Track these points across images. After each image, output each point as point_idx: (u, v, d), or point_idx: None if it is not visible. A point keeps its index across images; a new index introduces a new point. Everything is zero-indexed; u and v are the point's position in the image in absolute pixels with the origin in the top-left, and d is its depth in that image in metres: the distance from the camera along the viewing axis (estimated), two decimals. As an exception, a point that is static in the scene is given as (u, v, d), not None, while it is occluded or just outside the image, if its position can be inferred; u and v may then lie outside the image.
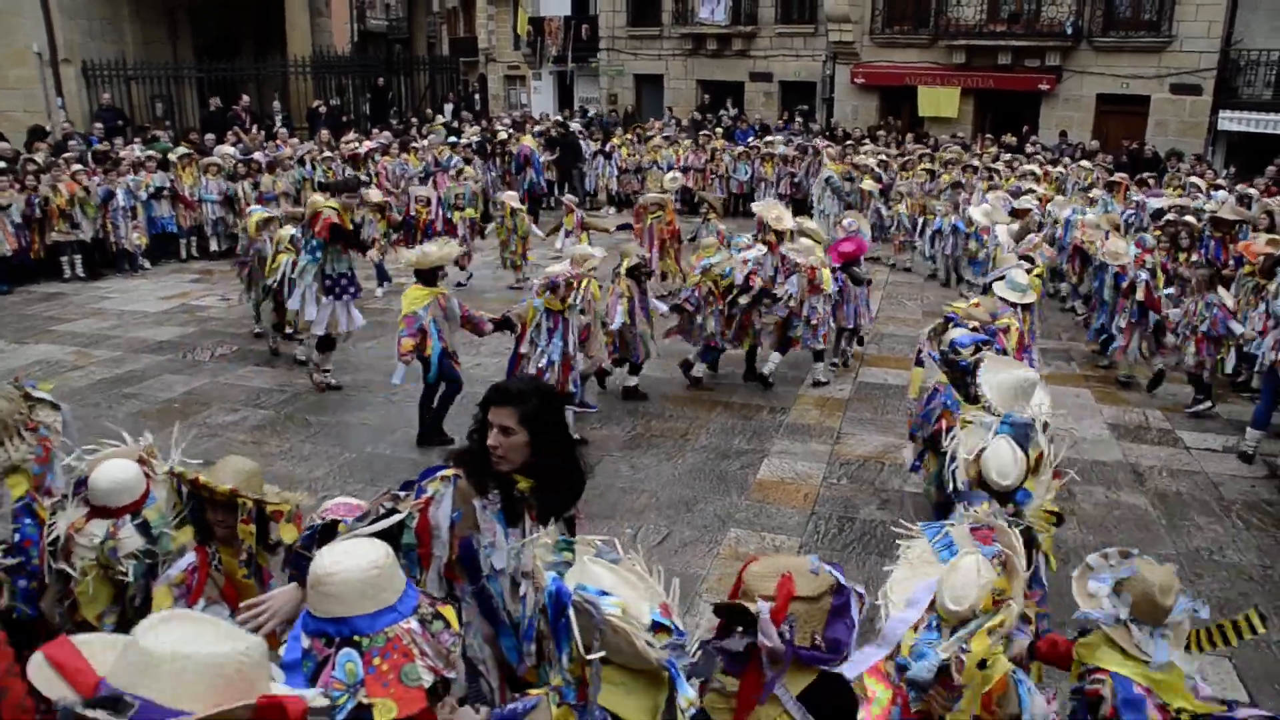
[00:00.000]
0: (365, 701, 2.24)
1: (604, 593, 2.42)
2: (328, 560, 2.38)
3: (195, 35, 23.51)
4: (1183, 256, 11.23)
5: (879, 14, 24.21)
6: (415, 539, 3.19)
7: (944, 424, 5.60)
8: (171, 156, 15.23)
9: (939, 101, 23.68)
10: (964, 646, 2.94)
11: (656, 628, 2.41)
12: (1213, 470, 8.07)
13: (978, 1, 22.76)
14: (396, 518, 3.16)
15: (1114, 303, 10.00)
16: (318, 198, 9.69)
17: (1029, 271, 8.12)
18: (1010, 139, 20.73)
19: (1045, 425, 4.80)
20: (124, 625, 3.64)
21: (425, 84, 28.15)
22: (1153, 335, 9.60)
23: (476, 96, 30.75)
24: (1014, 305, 7.35)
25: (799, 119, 23.91)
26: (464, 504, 3.24)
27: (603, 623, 2.34)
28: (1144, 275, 9.69)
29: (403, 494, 3.26)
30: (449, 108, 26.30)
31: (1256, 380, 8.98)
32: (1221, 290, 9.03)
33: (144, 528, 3.53)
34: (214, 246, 15.48)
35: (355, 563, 2.36)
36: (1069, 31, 21.65)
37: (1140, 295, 9.58)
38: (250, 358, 10.52)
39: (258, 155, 16.01)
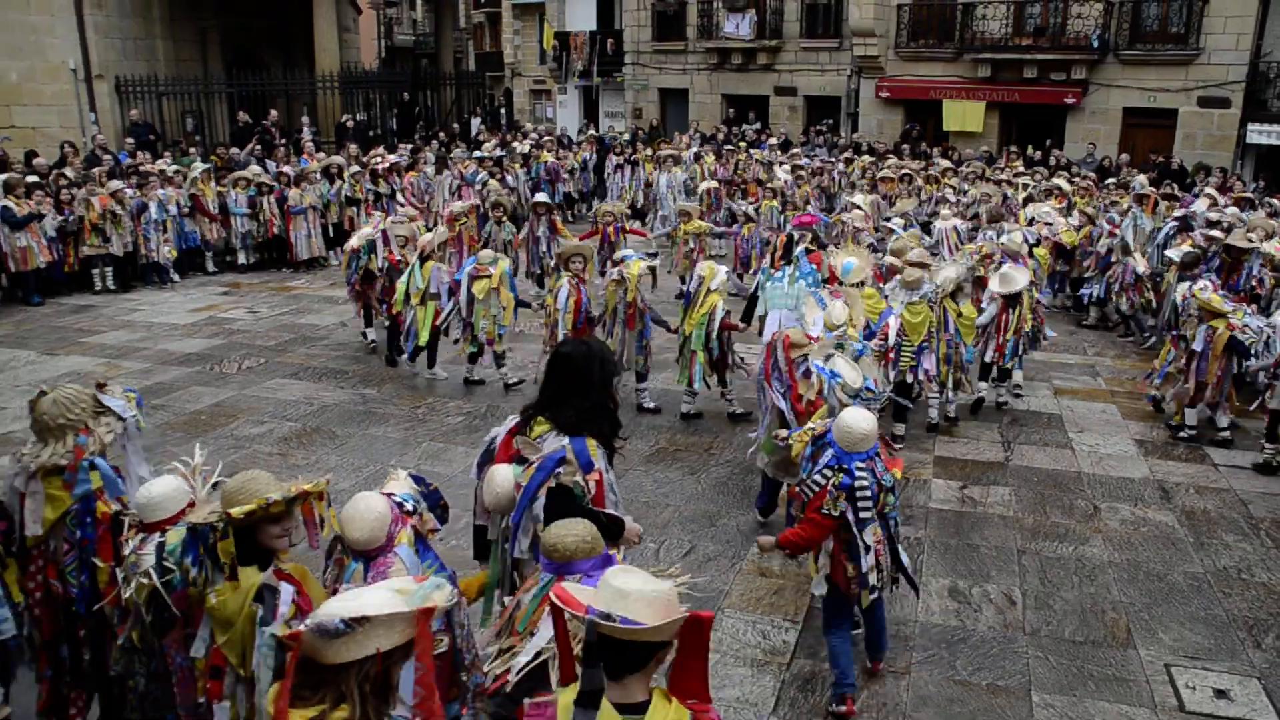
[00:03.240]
0: None
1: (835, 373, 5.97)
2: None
3: (223, 47, 23.86)
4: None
5: (904, 28, 24.19)
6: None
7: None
8: (193, 173, 15.35)
9: (964, 115, 23.62)
10: None
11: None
12: (1241, 487, 7.99)
13: (1003, 15, 22.71)
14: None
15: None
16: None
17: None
18: (1034, 153, 20.64)
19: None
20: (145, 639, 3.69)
21: (452, 99, 28.36)
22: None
23: (502, 111, 30.95)
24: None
25: (824, 133, 23.91)
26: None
27: None
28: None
29: (565, 469, 3.93)
30: (475, 122, 26.50)
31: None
32: (1136, 256, 11.95)
33: (160, 548, 3.50)
34: (242, 260, 15.63)
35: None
36: (1095, 45, 21.54)
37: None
38: (277, 370, 10.62)
39: (286, 169, 16.18)
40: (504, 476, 3.98)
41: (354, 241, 10.81)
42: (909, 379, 8.57)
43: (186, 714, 3.60)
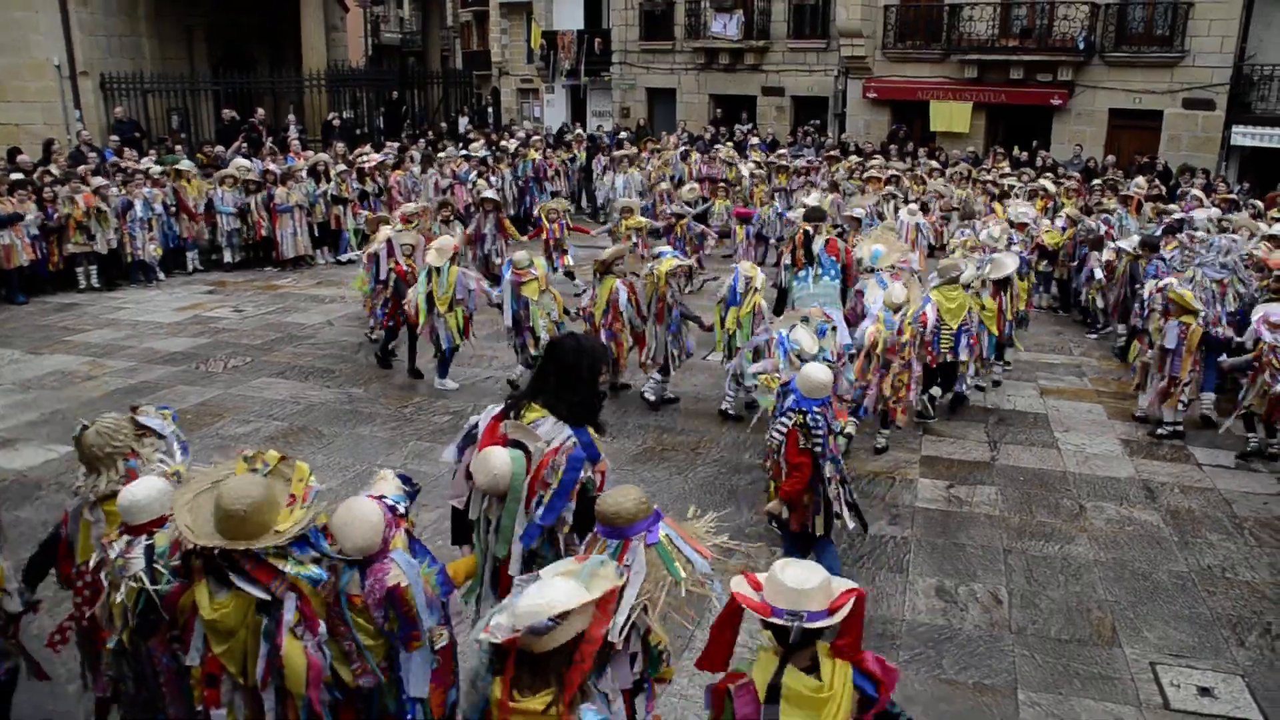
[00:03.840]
0: None
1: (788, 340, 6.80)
2: None
3: (209, 45, 23.76)
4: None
5: (891, 29, 24.25)
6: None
7: None
8: (179, 166, 15.27)
9: (951, 116, 23.67)
10: None
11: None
12: (1225, 487, 8.04)
13: (990, 16, 22.78)
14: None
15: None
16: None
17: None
18: (1021, 154, 20.72)
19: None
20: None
21: (439, 97, 28.30)
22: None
23: (490, 110, 30.88)
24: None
25: (811, 133, 23.95)
26: None
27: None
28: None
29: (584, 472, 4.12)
30: (464, 121, 26.42)
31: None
32: (1106, 250, 12.03)
33: (150, 552, 3.49)
34: (228, 258, 15.53)
35: None
36: (1081, 46, 21.62)
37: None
38: (263, 369, 10.58)
39: (272, 167, 16.10)
40: (500, 458, 4.02)
41: (372, 247, 10.71)
42: (949, 359, 8.97)
43: (176, 715, 3.58)
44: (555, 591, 2.97)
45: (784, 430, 5.65)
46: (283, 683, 3.36)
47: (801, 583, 3.05)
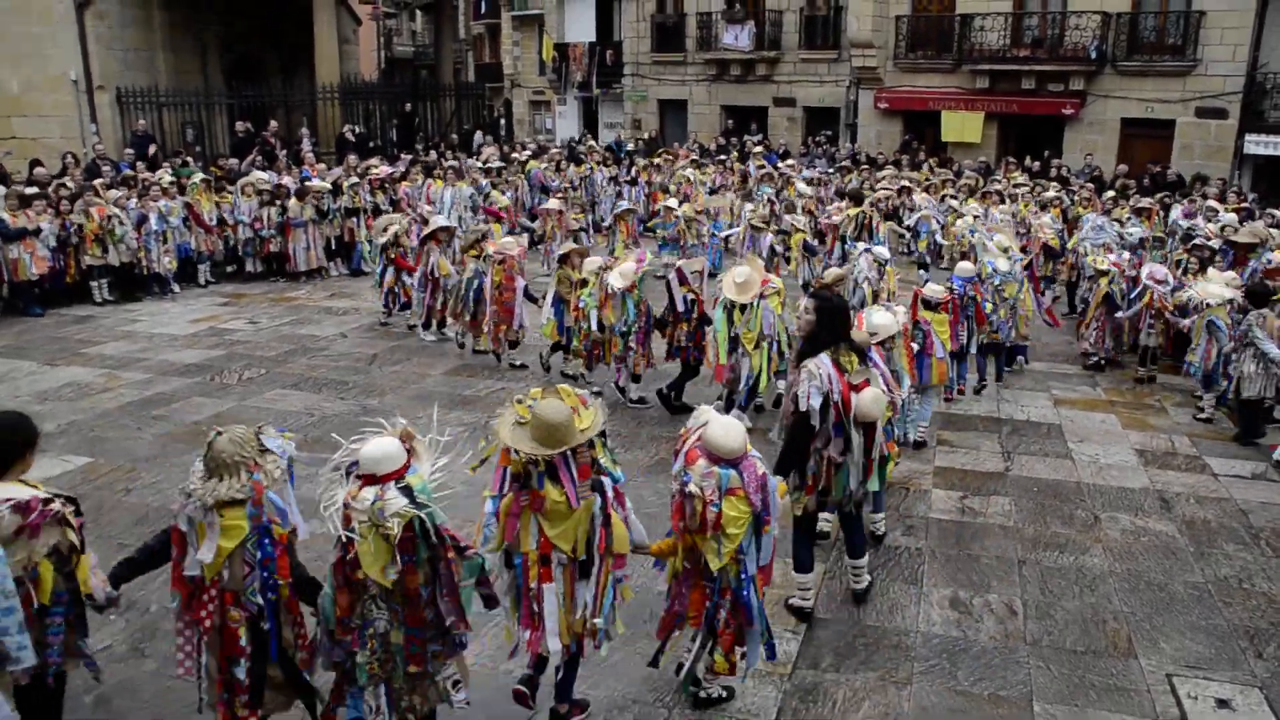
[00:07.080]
0: None
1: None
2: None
3: (223, 59, 23.96)
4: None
5: (903, 39, 24.30)
6: None
7: None
8: (192, 180, 15.39)
9: (963, 126, 23.69)
10: None
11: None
12: (1241, 497, 8.00)
13: (1001, 26, 22.81)
14: None
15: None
16: None
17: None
18: (1033, 164, 20.71)
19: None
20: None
21: (451, 109, 28.45)
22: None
23: (502, 121, 31.04)
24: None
25: (823, 144, 23.98)
26: None
27: None
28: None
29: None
30: (479, 135, 26.55)
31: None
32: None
33: (407, 490, 4.06)
34: (249, 268, 15.62)
35: None
36: (1093, 56, 21.62)
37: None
38: (278, 380, 10.62)
39: (287, 180, 16.18)
40: (882, 396, 5.75)
41: (619, 282, 9.33)
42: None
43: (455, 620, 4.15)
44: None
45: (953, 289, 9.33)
46: (613, 545, 4.53)
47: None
